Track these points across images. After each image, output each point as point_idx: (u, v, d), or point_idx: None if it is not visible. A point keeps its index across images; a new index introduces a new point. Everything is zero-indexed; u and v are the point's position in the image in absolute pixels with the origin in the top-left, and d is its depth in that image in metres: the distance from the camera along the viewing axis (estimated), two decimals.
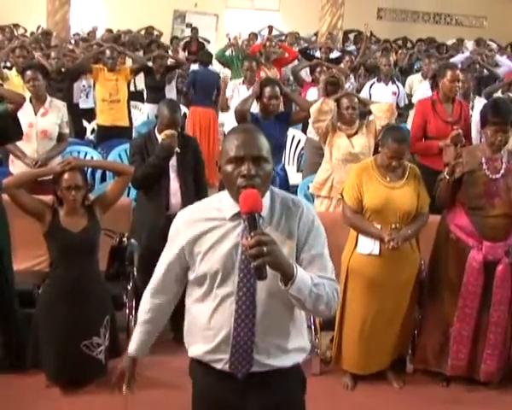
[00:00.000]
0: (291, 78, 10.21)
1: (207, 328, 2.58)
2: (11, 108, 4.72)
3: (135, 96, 9.92)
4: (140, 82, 10.29)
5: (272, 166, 2.52)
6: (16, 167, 5.87)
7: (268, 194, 2.52)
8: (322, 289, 2.42)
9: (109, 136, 8.05)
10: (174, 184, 4.99)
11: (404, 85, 9.69)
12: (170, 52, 12.16)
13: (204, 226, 2.52)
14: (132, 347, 2.90)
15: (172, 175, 4.99)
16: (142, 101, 10.23)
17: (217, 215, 2.52)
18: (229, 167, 2.43)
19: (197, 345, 2.66)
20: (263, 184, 2.43)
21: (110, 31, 14.33)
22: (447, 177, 4.44)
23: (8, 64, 8.71)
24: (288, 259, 2.35)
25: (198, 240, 2.52)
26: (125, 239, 5.09)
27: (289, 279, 2.31)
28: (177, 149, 4.88)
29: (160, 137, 4.90)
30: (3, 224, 4.55)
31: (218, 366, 2.60)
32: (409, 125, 8.27)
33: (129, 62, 9.84)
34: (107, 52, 8.42)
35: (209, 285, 2.54)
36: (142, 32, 14.60)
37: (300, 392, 2.75)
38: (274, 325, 2.55)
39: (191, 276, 2.60)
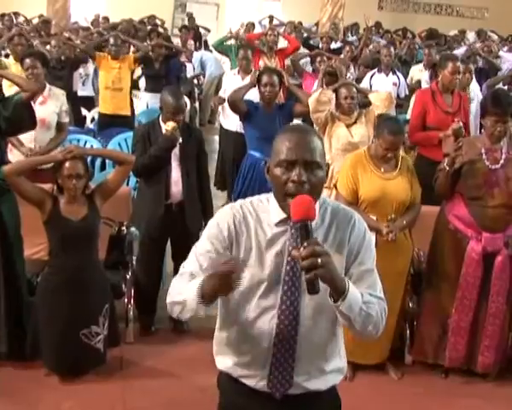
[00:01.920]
0: None
1: (243, 340, 2.40)
2: (25, 97, 4.68)
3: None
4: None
5: (325, 172, 2.35)
6: (15, 156, 5.83)
7: (318, 201, 2.33)
8: (372, 307, 2.26)
9: (110, 124, 8.03)
10: (176, 173, 4.98)
11: (405, 76, 9.67)
12: (179, 41, 12.16)
13: (251, 226, 2.35)
14: (195, 285, 2.25)
15: (174, 164, 4.98)
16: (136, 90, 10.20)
17: (264, 218, 2.35)
18: (278, 171, 2.26)
19: (229, 357, 2.47)
20: (314, 192, 2.24)
21: (106, 19, 14.27)
22: (447, 168, 4.44)
23: (7, 52, 8.66)
24: (339, 272, 2.18)
25: (245, 237, 2.34)
26: (124, 228, 5.09)
27: (340, 295, 2.14)
28: (180, 140, 4.87)
29: (164, 127, 4.90)
30: (14, 213, 4.56)
31: (251, 382, 2.43)
32: (409, 115, 8.27)
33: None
34: (111, 40, 8.41)
35: (250, 294, 2.34)
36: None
37: None
38: (316, 344, 2.39)
39: None
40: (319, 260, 2.03)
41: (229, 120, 7.65)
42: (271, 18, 15.24)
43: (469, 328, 4.61)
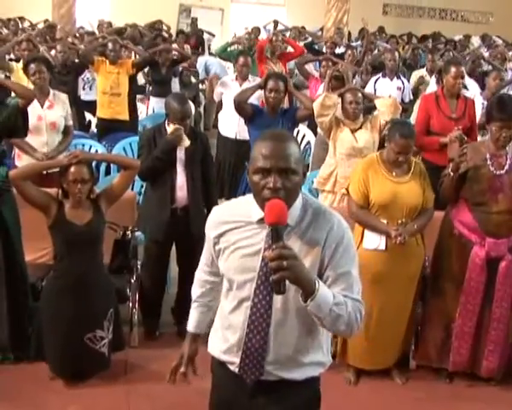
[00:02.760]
0: (295, 71, 10.16)
1: (225, 327, 2.59)
2: (22, 104, 4.71)
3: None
4: (139, 76, 10.25)
5: (301, 176, 2.45)
6: (23, 162, 5.85)
7: (300, 202, 2.46)
8: (343, 309, 2.35)
9: (109, 129, 8.04)
10: (181, 178, 4.99)
11: (409, 80, 9.67)
12: (176, 46, 12.14)
13: (231, 224, 2.51)
14: (191, 324, 2.90)
15: (179, 169, 4.99)
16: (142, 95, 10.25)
17: (245, 217, 2.49)
18: (256, 177, 2.39)
19: (215, 342, 2.67)
20: (289, 197, 2.37)
21: (110, 24, 14.30)
22: (451, 173, 4.43)
23: (13, 56, 8.69)
24: (309, 274, 2.29)
25: (223, 236, 2.52)
26: (128, 232, 5.09)
27: (309, 296, 2.26)
28: (186, 144, 4.88)
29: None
30: (15, 213, 4.58)
31: (231, 367, 2.59)
32: (412, 120, 8.27)
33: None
34: (110, 45, 8.37)
35: (230, 286, 2.55)
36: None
37: (311, 408, 2.68)
38: (289, 338, 2.50)
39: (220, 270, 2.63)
40: (285, 263, 2.17)
41: (227, 127, 7.57)
42: (276, 23, 15.24)
43: (473, 332, 4.61)
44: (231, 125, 7.40)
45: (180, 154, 4.97)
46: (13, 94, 5.11)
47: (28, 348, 4.51)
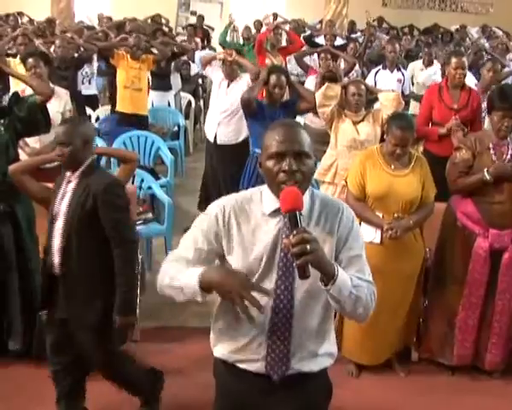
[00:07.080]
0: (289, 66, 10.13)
1: (239, 326, 2.49)
2: (40, 100, 4.70)
3: None
4: None
5: (314, 161, 2.47)
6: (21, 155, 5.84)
7: (307, 193, 2.46)
8: (361, 290, 2.39)
9: (128, 123, 8.02)
10: (57, 240, 3.65)
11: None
12: (185, 39, 12.18)
13: (243, 217, 2.46)
14: (196, 274, 2.35)
15: (58, 225, 3.67)
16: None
17: (257, 209, 2.47)
18: (270, 163, 2.40)
19: (225, 343, 2.58)
20: (304, 180, 2.39)
21: (109, 18, 14.27)
22: (488, 178, 4.37)
23: (13, 51, 8.68)
24: (328, 258, 2.32)
25: (235, 230, 2.45)
26: None
27: (330, 279, 2.27)
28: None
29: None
30: (29, 213, 4.62)
31: (247, 366, 2.53)
32: (411, 111, 8.29)
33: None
34: (132, 41, 8.45)
35: None
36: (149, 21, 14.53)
37: (325, 399, 2.68)
38: (309, 327, 2.50)
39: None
40: (308, 247, 2.18)
41: (209, 129, 7.20)
42: (275, 16, 15.20)
43: (477, 325, 4.60)
44: (211, 128, 7.13)
45: (63, 204, 3.70)
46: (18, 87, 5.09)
47: (30, 344, 4.50)
